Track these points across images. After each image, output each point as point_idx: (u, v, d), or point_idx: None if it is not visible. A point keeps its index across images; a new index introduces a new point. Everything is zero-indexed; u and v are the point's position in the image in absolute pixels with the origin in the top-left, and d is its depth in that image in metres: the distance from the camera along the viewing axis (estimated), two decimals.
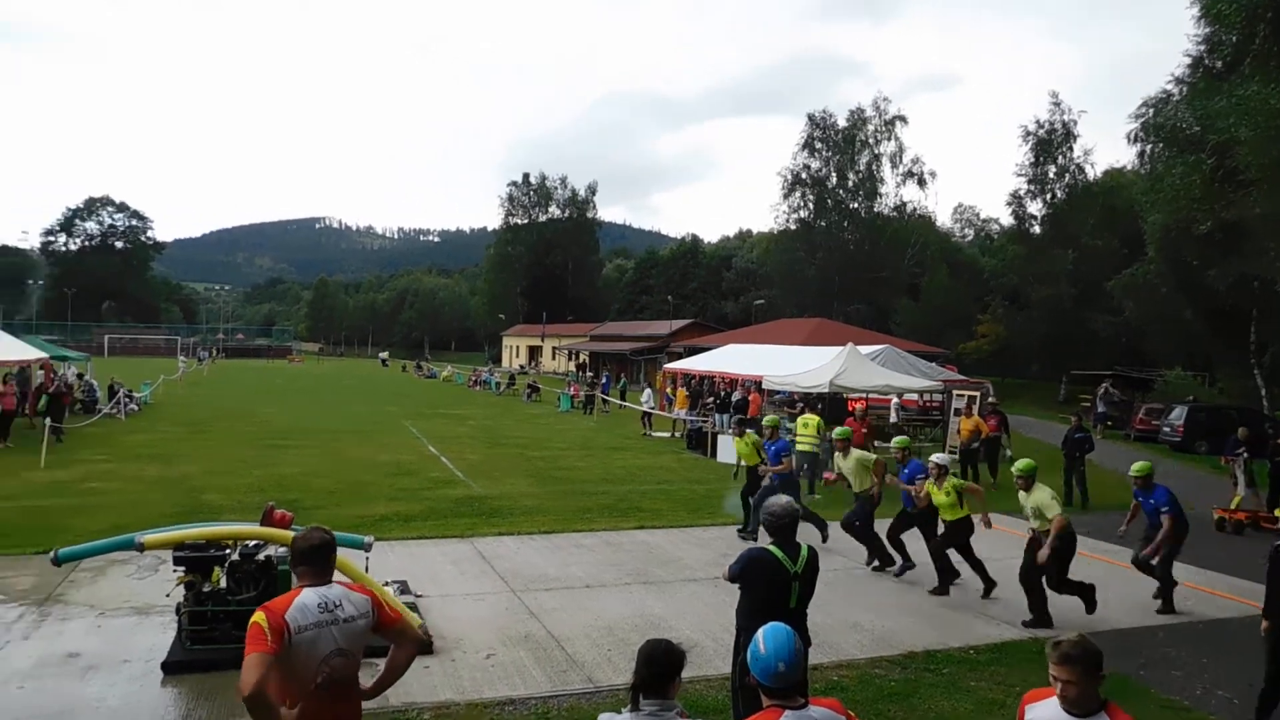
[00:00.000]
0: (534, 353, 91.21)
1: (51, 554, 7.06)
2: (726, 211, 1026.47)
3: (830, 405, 21.08)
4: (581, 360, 73.40)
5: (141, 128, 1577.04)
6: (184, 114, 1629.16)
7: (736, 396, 25.95)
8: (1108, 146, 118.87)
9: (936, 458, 10.05)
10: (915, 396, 24.00)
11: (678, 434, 26.55)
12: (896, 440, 11.44)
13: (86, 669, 6.95)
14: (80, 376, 31.32)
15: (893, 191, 65.02)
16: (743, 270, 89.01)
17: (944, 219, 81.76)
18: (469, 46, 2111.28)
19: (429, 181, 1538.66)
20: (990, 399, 20.65)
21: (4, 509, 12.93)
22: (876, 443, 17.97)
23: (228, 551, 7.32)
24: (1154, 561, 9.69)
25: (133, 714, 6.21)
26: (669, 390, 33.64)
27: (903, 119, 64.45)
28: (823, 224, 66.09)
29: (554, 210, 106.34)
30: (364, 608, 3.72)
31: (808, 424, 16.60)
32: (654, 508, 14.92)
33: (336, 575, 7.85)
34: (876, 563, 11.02)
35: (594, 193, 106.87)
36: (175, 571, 7.33)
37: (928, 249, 62.81)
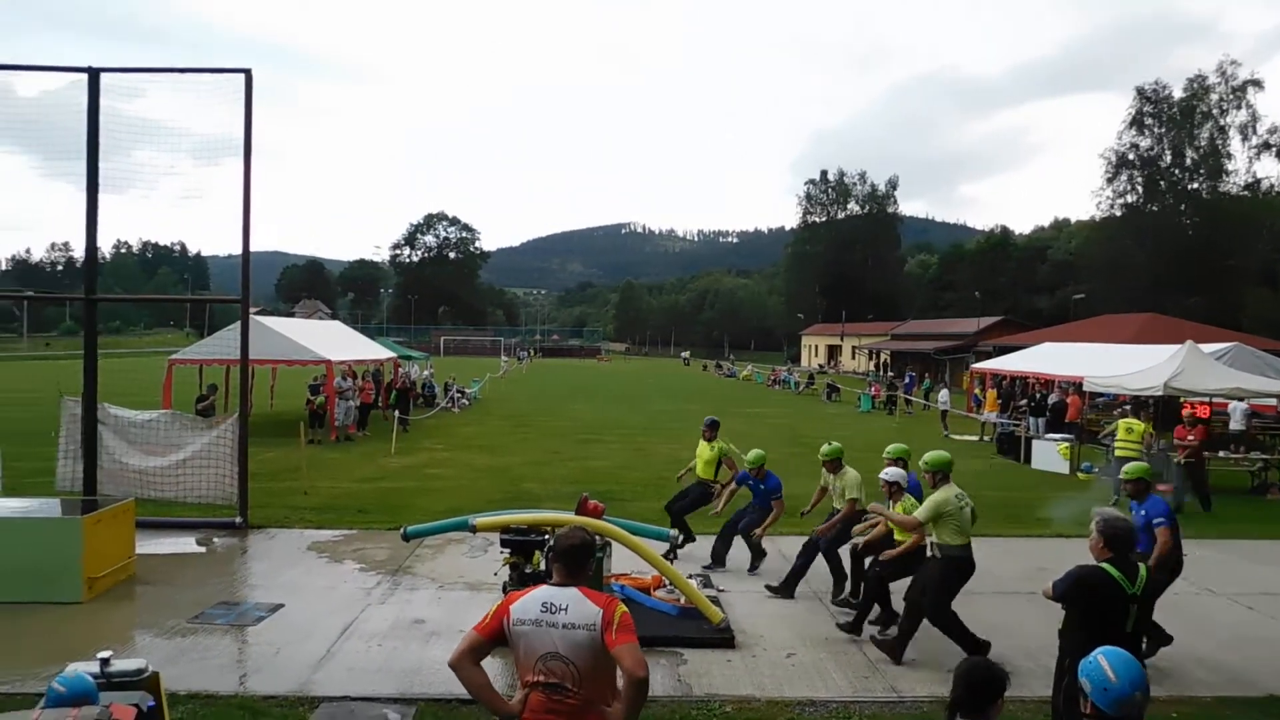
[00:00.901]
0: (833, 352, 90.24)
1: (401, 531, 8.13)
2: (1040, 200, 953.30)
3: (1162, 409, 19.05)
4: (882, 359, 71.58)
5: (471, 149, 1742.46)
6: (505, 135, 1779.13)
7: (1053, 399, 24.16)
8: None
9: (886, 473, 8.25)
10: (1272, 402, 20.94)
11: (986, 438, 25.14)
12: (890, 449, 8.86)
13: (430, 634, 7.78)
14: (425, 372, 35.37)
15: (1243, 168, 57.74)
16: (1059, 262, 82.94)
17: None
18: (763, 43, 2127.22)
19: (725, 184, 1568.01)
20: None
21: (364, 489, 14.91)
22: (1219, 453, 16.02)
23: (546, 537, 7.86)
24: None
25: None
26: (977, 391, 31.95)
27: (1257, 83, 57.06)
28: (1154, 208, 59.98)
29: (853, 207, 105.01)
30: (590, 619, 3.43)
31: (1131, 429, 15.39)
32: None
33: (640, 569, 8.23)
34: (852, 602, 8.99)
35: (894, 187, 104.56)
36: (502, 553, 8.00)
37: None
